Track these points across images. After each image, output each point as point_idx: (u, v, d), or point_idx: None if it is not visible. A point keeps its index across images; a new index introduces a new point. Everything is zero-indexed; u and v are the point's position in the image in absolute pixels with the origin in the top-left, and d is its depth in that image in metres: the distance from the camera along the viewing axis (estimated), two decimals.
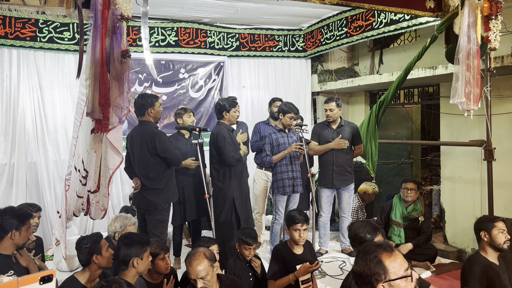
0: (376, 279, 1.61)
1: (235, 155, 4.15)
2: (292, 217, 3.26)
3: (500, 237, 2.89)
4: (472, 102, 3.45)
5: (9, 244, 2.76)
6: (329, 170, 4.75)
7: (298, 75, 6.90)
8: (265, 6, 5.56)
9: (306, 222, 3.26)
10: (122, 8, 2.42)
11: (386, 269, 1.61)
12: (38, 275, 1.49)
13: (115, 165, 2.73)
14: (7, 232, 2.74)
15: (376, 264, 1.62)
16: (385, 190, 6.86)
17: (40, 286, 1.48)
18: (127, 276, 2.54)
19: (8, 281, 1.43)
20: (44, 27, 5.16)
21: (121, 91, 2.48)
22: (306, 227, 3.25)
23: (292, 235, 3.26)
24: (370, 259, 1.64)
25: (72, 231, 5.19)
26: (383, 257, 1.64)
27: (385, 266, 1.61)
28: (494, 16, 3.53)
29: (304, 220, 3.23)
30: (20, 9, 2.62)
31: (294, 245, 3.31)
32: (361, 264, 1.66)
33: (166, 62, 5.97)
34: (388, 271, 1.61)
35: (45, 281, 1.49)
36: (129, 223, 3.57)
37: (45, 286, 1.49)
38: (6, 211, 2.83)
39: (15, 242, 2.78)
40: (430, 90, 6.12)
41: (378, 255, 1.64)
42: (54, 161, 5.30)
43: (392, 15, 5.13)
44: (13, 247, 2.80)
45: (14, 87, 5.06)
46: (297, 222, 3.21)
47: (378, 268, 1.61)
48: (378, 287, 1.60)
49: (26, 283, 1.45)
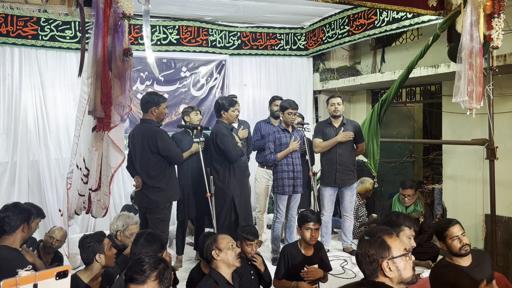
0: (381, 256, 1.80)
1: (238, 151, 4.17)
2: (305, 216, 3.25)
3: (455, 245, 2.74)
4: (474, 101, 3.44)
5: (19, 237, 2.81)
6: (332, 169, 4.73)
7: (299, 74, 6.89)
8: (266, 5, 5.55)
9: (319, 222, 3.25)
10: (124, 6, 2.42)
11: (389, 247, 1.81)
12: (55, 271, 1.52)
13: (117, 163, 2.73)
14: (18, 226, 2.79)
15: (380, 244, 1.82)
16: (387, 189, 6.86)
17: (56, 281, 1.51)
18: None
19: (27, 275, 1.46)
20: (46, 26, 5.16)
21: (123, 89, 2.47)
22: (318, 227, 3.24)
23: (303, 234, 3.25)
24: (374, 239, 1.84)
25: (73, 229, 5.20)
26: (386, 238, 1.84)
27: (388, 245, 1.82)
28: (496, 14, 3.51)
29: (317, 219, 3.22)
30: (22, 8, 2.62)
31: (304, 246, 3.28)
32: (366, 246, 1.84)
33: (168, 61, 5.97)
34: (391, 249, 1.81)
35: (61, 277, 1.53)
36: (131, 222, 3.57)
37: (61, 282, 1.53)
38: (17, 205, 2.89)
39: (24, 236, 2.83)
40: (432, 89, 6.12)
41: (381, 236, 1.85)
42: (56, 160, 5.31)
43: (394, 13, 5.11)
44: (21, 241, 2.84)
45: (16, 86, 5.07)
46: (309, 221, 3.20)
47: (382, 247, 1.81)
48: (383, 263, 1.79)
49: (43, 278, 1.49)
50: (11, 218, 2.77)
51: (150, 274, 1.86)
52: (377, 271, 1.80)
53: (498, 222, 4.40)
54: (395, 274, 1.78)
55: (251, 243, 3.19)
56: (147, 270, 1.86)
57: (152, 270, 1.87)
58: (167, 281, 1.91)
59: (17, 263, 2.56)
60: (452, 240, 2.75)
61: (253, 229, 3.29)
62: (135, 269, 1.87)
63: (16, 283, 1.42)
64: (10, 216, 2.78)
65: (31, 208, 3.00)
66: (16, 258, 2.69)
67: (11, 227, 2.77)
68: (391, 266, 1.78)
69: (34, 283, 1.46)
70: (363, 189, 5.53)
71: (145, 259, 1.92)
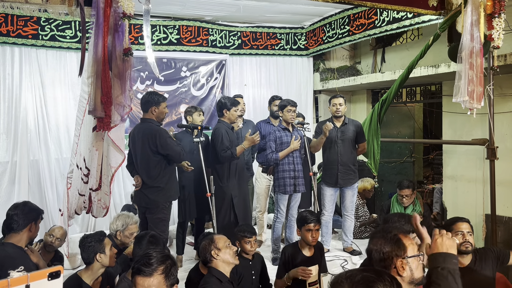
0: (397, 254, 1.78)
1: (225, 153, 4.10)
2: (304, 217, 3.25)
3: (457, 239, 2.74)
4: (475, 101, 3.43)
5: (26, 236, 2.82)
6: (334, 169, 4.72)
7: (300, 74, 6.89)
8: (267, 4, 5.55)
9: (319, 222, 3.25)
10: (124, 6, 2.42)
11: (405, 247, 1.80)
12: (47, 271, 1.54)
13: (117, 163, 2.73)
14: (26, 225, 2.80)
15: (396, 242, 1.80)
16: (387, 188, 6.85)
17: (48, 282, 1.53)
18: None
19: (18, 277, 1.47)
20: (46, 25, 5.15)
21: (123, 89, 2.47)
22: (318, 227, 3.24)
23: (304, 235, 3.24)
24: (390, 237, 1.82)
25: (74, 229, 5.20)
26: (402, 237, 1.83)
27: (404, 244, 1.81)
28: (497, 14, 3.51)
29: (317, 220, 3.22)
30: (22, 7, 2.62)
31: (304, 247, 3.29)
32: (381, 243, 1.82)
33: (168, 60, 5.97)
34: (407, 248, 1.80)
35: (53, 277, 1.54)
36: (131, 221, 3.57)
37: (53, 282, 1.54)
38: (27, 204, 2.91)
39: (30, 235, 2.84)
40: (432, 89, 6.11)
41: (397, 234, 1.84)
42: (56, 159, 5.31)
43: (395, 13, 5.11)
44: (27, 240, 2.85)
45: (16, 85, 5.06)
46: (309, 222, 3.19)
47: (398, 245, 1.80)
48: (398, 262, 1.77)
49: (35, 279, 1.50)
50: (19, 217, 2.79)
51: (157, 268, 1.87)
52: (390, 269, 1.78)
53: (499, 222, 4.39)
54: (407, 274, 1.77)
55: (249, 240, 3.20)
56: (155, 264, 1.88)
57: (159, 264, 1.88)
58: (173, 278, 1.93)
59: (20, 261, 2.57)
60: (456, 234, 2.78)
61: (249, 226, 3.32)
62: (143, 262, 1.89)
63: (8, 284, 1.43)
64: (19, 214, 2.80)
65: (40, 209, 3.02)
66: (20, 256, 2.70)
67: (19, 225, 2.79)
68: (404, 265, 1.78)
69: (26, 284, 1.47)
70: (361, 188, 5.52)
71: (153, 253, 1.94)
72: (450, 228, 2.81)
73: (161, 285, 1.86)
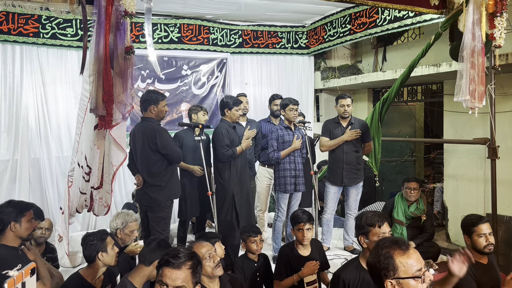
0: (385, 274, 1.61)
1: (227, 152, 4.11)
2: (295, 216, 3.25)
3: (480, 242, 2.78)
4: (476, 100, 3.43)
5: (12, 236, 2.74)
6: (339, 168, 4.71)
7: (301, 72, 6.88)
8: (268, 3, 5.54)
9: (310, 221, 3.22)
10: (126, 4, 2.43)
11: (395, 266, 1.60)
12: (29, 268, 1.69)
13: (119, 161, 2.73)
14: (6, 224, 2.72)
15: (386, 259, 1.62)
16: (388, 187, 6.86)
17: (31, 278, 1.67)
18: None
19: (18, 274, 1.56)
20: (47, 23, 5.15)
21: (124, 87, 2.48)
22: (309, 227, 3.22)
23: (296, 235, 3.24)
24: (382, 253, 1.64)
25: (74, 227, 5.20)
26: (395, 254, 1.63)
27: (395, 263, 1.61)
28: (499, 13, 3.51)
29: (307, 219, 3.20)
30: (24, 5, 2.62)
31: (300, 246, 3.28)
32: (374, 257, 1.67)
33: (169, 59, 5.96)
34: (398, 269, 1.60)
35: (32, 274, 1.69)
36: (130, 219, 3.57)
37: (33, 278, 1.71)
38: (4, 205, 2.81)
39: (17, 234, 2.75)
40: (433, 88, 6.11)
41: (390, 251, 1.64)
42: (57, 157, 5.31)
43: (396, 12, 5.10)
44: (17, 240, 2.77)
45: (17, 83, 5.06)
46: (299, 222, 3.19)
47: (387, 264, 1.61)
48: (386, 283, 1.60)
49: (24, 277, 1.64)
50: (1, 217, 2.72)
51: (186, 262, 1.86)
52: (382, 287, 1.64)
53: (499, 222, 4.39)
54: None
55: (254, 239, 3.20)
56: (183, 257, 1.87)
57: (187, 259, 1.88)
58: (198, 276, 1.91)
59: (14, 262, 2.54)
60: (479, 236, 2.78)
61: (253, 226, 3.32)
62: (172, 254, 1.87)
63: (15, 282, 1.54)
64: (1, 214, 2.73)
65: (26, 205, 2.90)
66: (12, 257, 2.64)
67: (4, 225, 2.73)
68: (396, 286, 1.59)
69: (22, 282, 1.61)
70: None
71: (180, 249, 1.93)
72: (471, 230, 2.81)
73: (187, 280, 1.84)
